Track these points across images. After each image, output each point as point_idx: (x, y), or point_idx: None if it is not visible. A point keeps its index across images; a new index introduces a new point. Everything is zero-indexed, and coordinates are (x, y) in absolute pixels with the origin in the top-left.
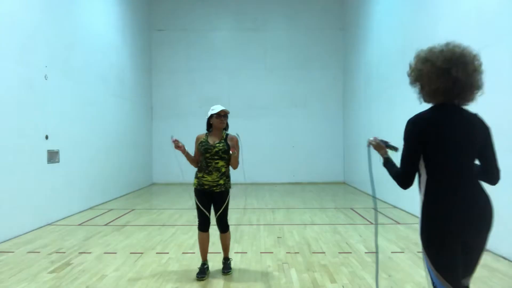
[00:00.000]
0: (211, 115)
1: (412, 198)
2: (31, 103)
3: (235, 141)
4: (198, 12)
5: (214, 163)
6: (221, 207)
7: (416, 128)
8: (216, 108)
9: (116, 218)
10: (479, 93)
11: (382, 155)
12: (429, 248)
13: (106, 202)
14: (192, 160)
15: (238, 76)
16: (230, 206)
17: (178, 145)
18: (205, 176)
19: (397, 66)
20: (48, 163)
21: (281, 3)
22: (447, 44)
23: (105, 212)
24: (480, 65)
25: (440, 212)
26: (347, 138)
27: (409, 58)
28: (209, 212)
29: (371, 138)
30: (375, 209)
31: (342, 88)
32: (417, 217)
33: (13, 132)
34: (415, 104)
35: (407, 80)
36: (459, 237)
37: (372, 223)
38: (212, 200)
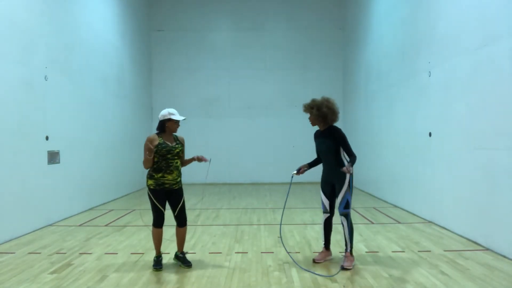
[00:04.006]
0: (170, 119)
1: (412, 198)
2: (31, 104)
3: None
4: (198, 12)
5: (174, 162)
6: (180, 202)
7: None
8: (176, 115)
9: (117, 219)
10: None
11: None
12: (350, 187)
13: (107, 202)
14: (150, 160)
15: (238, 76)
16: (230, 206)
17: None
18: (166, 175)
19: (397, 65)
20: (48, 164)
21: (280, 3)
22: (329, 98)
23: (106, 213)
24: None
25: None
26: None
27: (409, 58)
28: (165, 210)
29: (350, 168)
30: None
31: (342, 88)
32: (417, 216)
33: (13, 133)
34: (414, 104)
35: (407, 80)
36: None
37: (373, 223)
38: (168, 198)
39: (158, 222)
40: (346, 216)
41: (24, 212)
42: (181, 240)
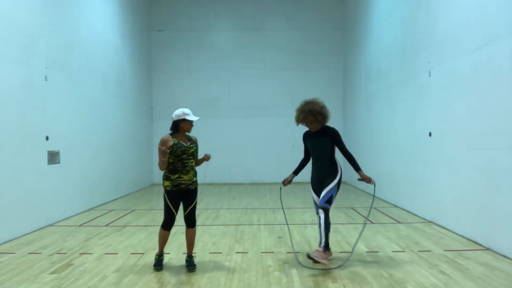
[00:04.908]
0: (184, 119)
1: (412, 198)
2: (31, 104)
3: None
4: (198, 12)
5: (190, 162)
6: (193, 203)
7: None
8: (191, 115)
9: (117, 219)
10: None
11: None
12: (339, 184)
13: (107, 202)
14: (165, 162)
15: (238, 76)
16: (230, 206)
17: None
18: (182, 176)
19: (397, 65)
20: (48, 164)
21: (280, 3)
22: (314, 99)
23: (106, 213)
24: None
25: (342, 171)
26: (347, 137)
27: (409, 58)
28: (177, 213)
29: (372, 180)
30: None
31: (342, 87)
32: (417, 216)
33: (13, 133)
34: (414, 104)
35: (407, 80)
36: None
37: (373, 223)
38: (183, 198)
39: (168, 224)
40: (325, 210)
41: (24, 212)
42: (190, 242)
